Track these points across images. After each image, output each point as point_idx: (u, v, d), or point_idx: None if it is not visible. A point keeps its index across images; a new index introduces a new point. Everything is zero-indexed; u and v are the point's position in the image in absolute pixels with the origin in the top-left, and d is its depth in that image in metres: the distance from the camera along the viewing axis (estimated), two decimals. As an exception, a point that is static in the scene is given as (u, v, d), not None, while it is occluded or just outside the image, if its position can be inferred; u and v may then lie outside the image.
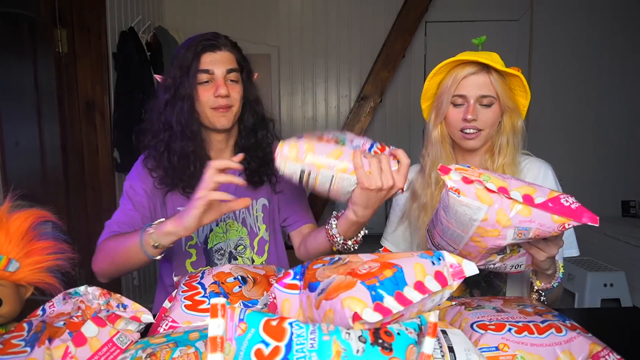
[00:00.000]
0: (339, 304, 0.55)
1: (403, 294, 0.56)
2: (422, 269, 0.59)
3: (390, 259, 0.62)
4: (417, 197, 1.19)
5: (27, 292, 0.83)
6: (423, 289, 0.57)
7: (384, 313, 0.54)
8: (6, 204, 0.82)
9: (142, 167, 1.17)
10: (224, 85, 1.10)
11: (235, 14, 3.56)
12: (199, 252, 1.19)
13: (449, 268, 0.61)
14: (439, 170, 0.81)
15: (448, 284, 0.59)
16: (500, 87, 1.06)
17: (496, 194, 0.77)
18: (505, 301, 0.88)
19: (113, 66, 2.64)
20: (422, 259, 0.61)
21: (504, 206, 0.76)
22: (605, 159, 3.62)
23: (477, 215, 0.78)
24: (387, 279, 0.57)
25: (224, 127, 1.14)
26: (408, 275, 0.58)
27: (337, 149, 0.91)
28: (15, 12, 2.24)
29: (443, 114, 1.11)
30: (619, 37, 3.52)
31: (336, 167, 0.89)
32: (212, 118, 1.12)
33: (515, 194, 0.76)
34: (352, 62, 3.66)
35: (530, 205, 0.75)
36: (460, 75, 1.07)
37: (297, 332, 0.54)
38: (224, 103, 1.11)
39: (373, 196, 0.90)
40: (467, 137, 1.10)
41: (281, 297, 0.69)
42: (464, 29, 3.50)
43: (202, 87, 1.11)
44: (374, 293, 0.55)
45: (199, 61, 1.10)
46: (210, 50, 1.11)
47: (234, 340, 0.53)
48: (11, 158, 2.16)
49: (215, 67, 1.11)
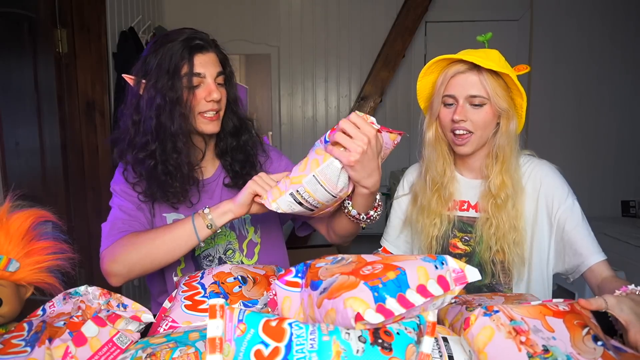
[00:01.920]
0: (342, 303, 0.55)
1: (405, 297, 0.56)
2: (425, 273, 0.59)
3: (394, 261, 0.62)
4: (417, 200, 1.17)
5: (27, 292, 0.83)
6: (425, 292, 0.57)
7: (385, 315, 0.54)
8: (6, 204, 0.82)
9: (123, 180, 1.11)
10: (216, 89, 1.04)
11: (235, 14, 3.56)
12: (187, 259, 1.16)
13: (452, 273, 0.60)
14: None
15: (450, 289, 0.59)
16: (491, 87, 1.01)
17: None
18: (506, 298, 0.87)
19: (113, 66, 2.64)
20: (425, 262, 0.61)
21: None
22: (605, 159, 3.62)
23: None
24: (390, 281, 0.57)
25: (213, 132, 1.08)
26: (411, 278, 0.58)
27: (302, 160, 0.91)
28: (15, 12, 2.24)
29: (436, 114, 1.09)
30: (619, 37, 3.52)
31: (310, 168, 0.88)
32: (200, 124, 1.06)
33: None
34: (352, 62, 3.66)
35: None
36: (449, 74, 1.04)
37: (297, 332, 0.54)
38: (215, 107, 1.05)
39: (365, 160, 0.85)
40: (457, 143, 1.06)
41: (282, 294, 0.69)
42: (464, 29, 3.49)
43: (193, 91, 1.03)
44: (376, 294, 0.55)
45: (191, 63, 1.01)
46: (200, 52, 1.03)
47: (233, 341, 0.53)
48: (11, 158, 2.16)
49: (206, 70, 1.03)
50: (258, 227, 1.22)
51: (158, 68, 1.01)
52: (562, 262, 1.08)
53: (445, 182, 1.13)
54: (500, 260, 1.10)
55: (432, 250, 1.15)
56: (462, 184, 1.15)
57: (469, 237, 1.13)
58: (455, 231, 1.15)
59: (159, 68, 1.01)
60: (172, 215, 1.15)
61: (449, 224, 1.14)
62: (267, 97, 3.82)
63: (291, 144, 3.73)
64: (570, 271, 1.08)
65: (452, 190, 1.14)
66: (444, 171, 1.13)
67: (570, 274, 1.08)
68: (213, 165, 1.20)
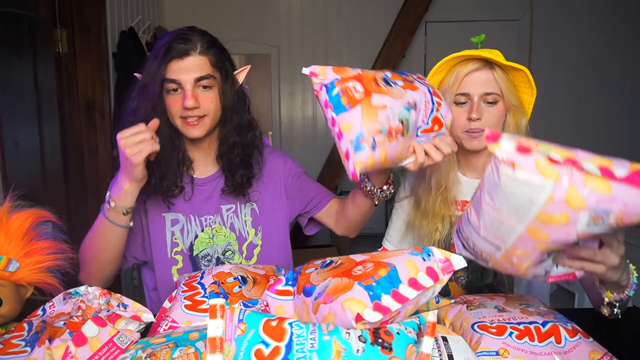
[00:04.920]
0: (339, 306, 0.55)
1: (399, 292, 0.56)
2: (414, 266, 0.60)
3: (383, 258, 0.62)
4: (420, 204, 1.15)
5: (27, 292, 0.83)
6: (417, 285, 0.58)
7: (383, 312, 0.54)
8: (6, 204, 0.82)
9: None
10: (191, 96, 1.02)
11: (235, 14, 3.56)
12: (185, 259, 1.17)
13: (439, 263, 0.62)
14: (486, 138, 0.61)
15: (439, 279, 0.60)
16: (504, 84, 1.02)
17: (564, 166, 0.57)
18: (507, 299, 0.87)
19: (113, 66, 2.64)
20: (413, 256, 0.62)
21: (576, 181, 0.57)
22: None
23: (538, 196, 0.58)
24: (382, 278, 0.58)
25: (196, 137, 1.08)
26: (402, 273, 0.59)
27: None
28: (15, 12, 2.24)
29: None
30: (619, 37, 3.52)
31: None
32: (182, 128, 1.07)
33: (588, 166, 0.57)
34: (352, 62, 3.65)
35: (609, 178, 0.56)
36: (462, 72, 1.03)
37: (297, 332, 0.54)
38: (193, 114, 1.04)
39: None
40: (472, 136, 1.05)
41: (274, 304, 0.69)
42: (464, 29, 3.49)
43: (171, 97, 1.04)
44: (371, 293, 0.56)
45: (165, 69, 1.02)
46: (178, 57, 1.02)
47: (233, 341, 0.53)
48: (11, 158, 2.15)
49: (182, 76, 1.02)
50: (259, 229, 1.22)
51: (145, 72, 1.06)
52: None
53: (450, 184, 1.12)
54: None
55: None
56: (465, 184, 1.15)
57: (469, 237, 1.13)
58: (456, 232, 1.14)
59: (146, 72, 1.06)
60: (170, 215, 1.15)
61: (450, 226, 1.13)
62: (267, 97, 3.82)
63: (291, 144, 3.73)
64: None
65: (455, 192, 1.13)
66: (448, 173, 1.12)
67: None
68: (214, 167, 1.20)
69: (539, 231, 0.63)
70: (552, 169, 0.58)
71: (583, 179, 0.57)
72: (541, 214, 0.60)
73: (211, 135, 1.15)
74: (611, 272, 0.75)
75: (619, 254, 0.73)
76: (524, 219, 0.62)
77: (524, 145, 0.59)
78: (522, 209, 0.61)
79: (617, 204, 0.57)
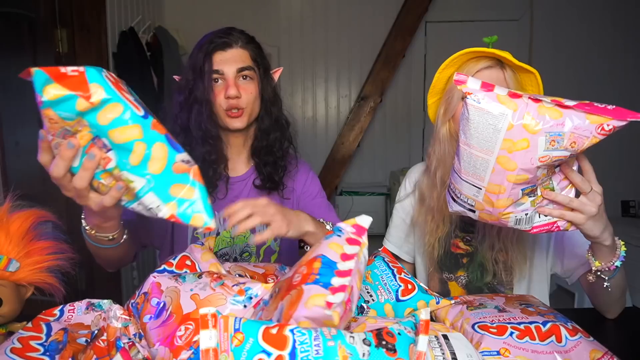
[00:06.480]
0: (305, 310, 0.55)
1: (341, 270, 0.59)
2: (337, 244, 0.64)
3: (310, 256, 0.64)
4: (424, 200, 1.14)
5: (27, 292, 0.83)
6: (348, 257, 0.62)
7: (342, 290, 0.57)
8: (6, 204, 0.82)
9: None
10: (233, 85, 1.07)
11: (235, 14, 3.55)
12: None
13: (352, 229, 0.67)
14: (454, 81, 0.75)
15: (361, 242, 0.65)
16: (513, 85, 1.01)
17: (520, 98, 0.71)
18: (507, 299, 0.87)
19: (113, 66, 2.64)
20: (330, 239, 0.65)
21: (531, 109, 0.70)
22: (605, 159, 3.62)
23: (501, 124, 0.71)
24: (320, 269, 0.59)
25: (237, 128, 1.11)
26: (332, 255, 0.62)
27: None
28: (15, 12, 2.24)
29: (453, 110, 1.05)
30: (619, 37, 3.51)
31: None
32: (225, 120, 1.10)
33: (543, 99, 0.71)
34: (352, 62, 3.65)
35: (560, 107, 0.69)
36: (474, 69, 1.02)
37: (300, 339, 0.51)
38: (235, 104, 1.08)
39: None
40: None
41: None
42: (464, 29, 3.49)
43: (215, 88, 1.08)
44: (321, 284, 0.57)
45: (210, 61, 1.07)
46: (221, 49, 1.08)
47: (230, 352, 0.50)
48: (11, 158, 2.16)
49: (225, 67, 1.08)
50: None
51: (188, 69, 1.09)
52: (560, 263, 1.08)
53: None
54: (503, 260, 1.09)
55: (434, 251, 1.14)
56: None
57: (470, 236, 1.13)
58: (457, 231, 1.14)
59: (188, 69, 1.09)
60: None
61: (451, 224, 1.13)
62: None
63: (291, 144, 3.73)
64: (568, 273, 1.07)
65: None
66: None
67: (568, 277, 1.08)
68: (247, 165, 1.21)
69: (508, 160, 0.73)
70: (510, 100, 0.71)
71: (537, 107, 0.70)
72: (505, 141, 0.71)
73: (249, 130, 1.16)
74: (591, 224, 0.79)
75: (595, 203, 0.78)
76: (494, 148, 0.73)
77: (487, 83, 0.73)
78: (490, 138, 0.72)
79: (568, 127, 0.68)
